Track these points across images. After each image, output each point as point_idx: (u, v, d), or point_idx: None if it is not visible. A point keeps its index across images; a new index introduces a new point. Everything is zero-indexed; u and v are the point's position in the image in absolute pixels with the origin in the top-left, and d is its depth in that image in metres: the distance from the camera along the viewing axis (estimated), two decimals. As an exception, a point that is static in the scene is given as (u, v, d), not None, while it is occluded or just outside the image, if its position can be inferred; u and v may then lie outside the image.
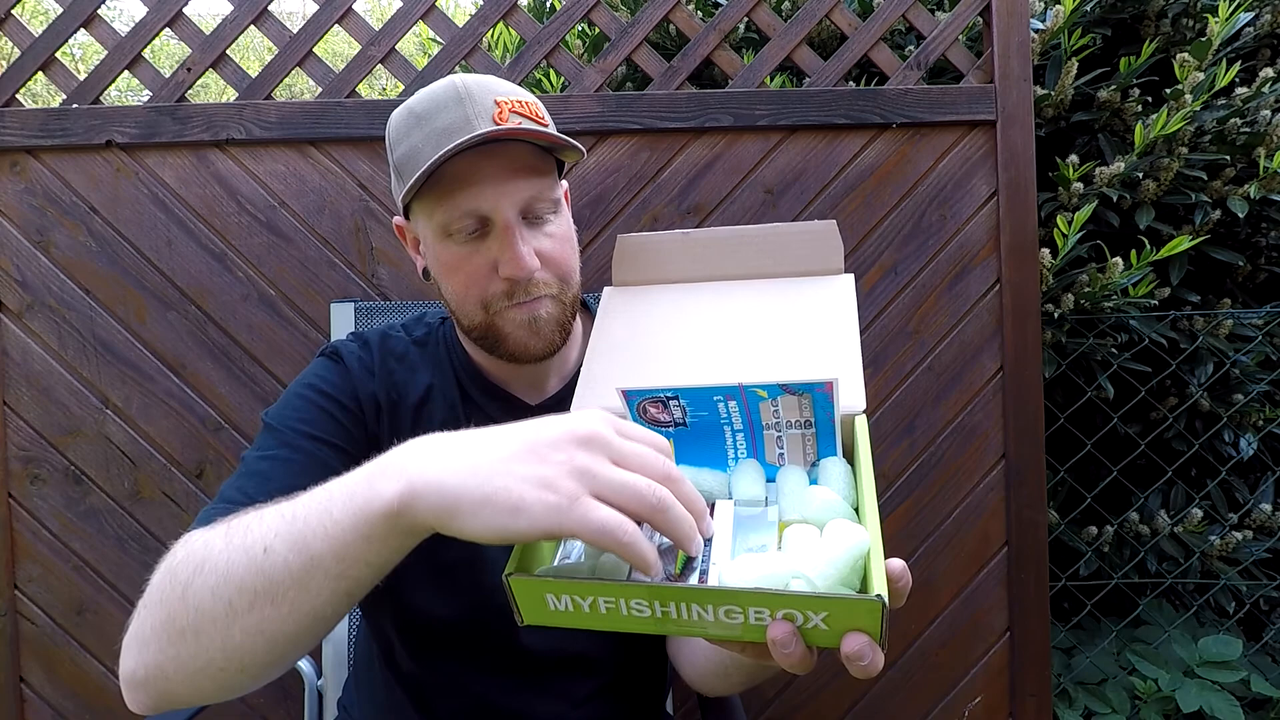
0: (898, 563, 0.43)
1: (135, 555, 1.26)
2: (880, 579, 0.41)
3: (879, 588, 0.40)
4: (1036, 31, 1.42)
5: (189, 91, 1.28)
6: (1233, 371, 1.58)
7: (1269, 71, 1.49)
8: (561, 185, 0.75)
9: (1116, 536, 1.57)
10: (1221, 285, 1.65)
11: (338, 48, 5.31)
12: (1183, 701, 1.45)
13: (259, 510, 0.51)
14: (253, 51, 5.74)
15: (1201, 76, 1.41)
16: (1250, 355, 1.57)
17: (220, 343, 1.26)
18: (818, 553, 0.43)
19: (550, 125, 0.70)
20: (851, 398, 0.55)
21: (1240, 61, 1.60)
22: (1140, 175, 1.47)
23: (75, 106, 1.25)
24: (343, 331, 1.17)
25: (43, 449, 1.25)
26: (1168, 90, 1.45)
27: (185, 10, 1.27)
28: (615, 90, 1.60)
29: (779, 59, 1.30)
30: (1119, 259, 1.37)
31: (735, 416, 0.54)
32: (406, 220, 0.76)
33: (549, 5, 1.84)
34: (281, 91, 1.32)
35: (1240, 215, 1.44)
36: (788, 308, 0.67)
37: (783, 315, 0.66)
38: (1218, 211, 1.50)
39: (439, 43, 1.38)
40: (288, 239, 1.27)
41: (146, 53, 1.29)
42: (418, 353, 0.80)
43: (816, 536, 0.46)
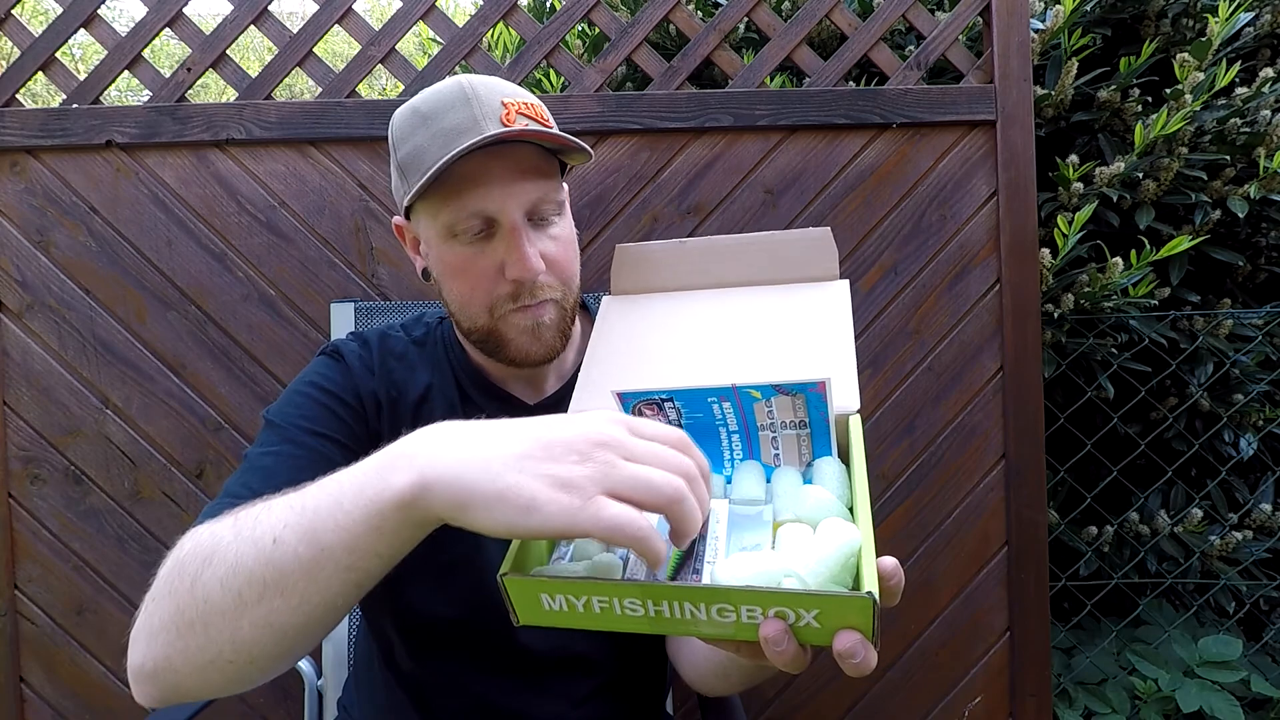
0: (890, 561, 0.43)
1: (135, 555, 1.26)
2: (871, 577, 0.41)
3: (870, 585, 0.40)
4: (1036, 31, 1.42)
5: (189, 91, 1.28)
6: (1233, 371, 1.58)
7: (1269, 71, 1.49)
8: (564, 188, 0.75)
9: (1116, 536, 1.57)
10: (1221, 285, 1.65)
11: (338, 48, 5.31)
12: (1183, 701, 1.45)
13: (266, 502, 0.50)
14: (253, 51, 5.74)
15: (1201, 76, 1.41)
16: (1250, 355, 1.57)
17: (220, 343, 1.27)
18: (809, 551, 0.43)
19: (554, 127, 0.70)
20: (845, 398, 0.55)
21: (1240, 61, 1.59)
22: (1140, 175, 1.47)
23: (75, 106, 1.26)
24: (342, 331, 1.18)
25: (43, 449, 1.26)
26: (1168, 90, 1.45)
27: (185, 10, 1.27)
28: (615, 90, 1.60)
29: (779, 59, 1.30)
30: (1119, 259, 1.37)
31: (730, 418, 0.54)
32: (407, 220, 0.76)
33: (549, 5, 1.84)
34: (281, 91, 1.32)
35: (1240, 215, 1.44)
36: (783, 312, 0.67)
37: (778, 319, 0.67)
38: (1218, 211, 1.50)
39: (439, 43, 1.39)
40: (288, 239, 1.27)
41: (146, 53, 1.29)
42: (417, 352, 0.80)
43: (810, 535, 0.46)
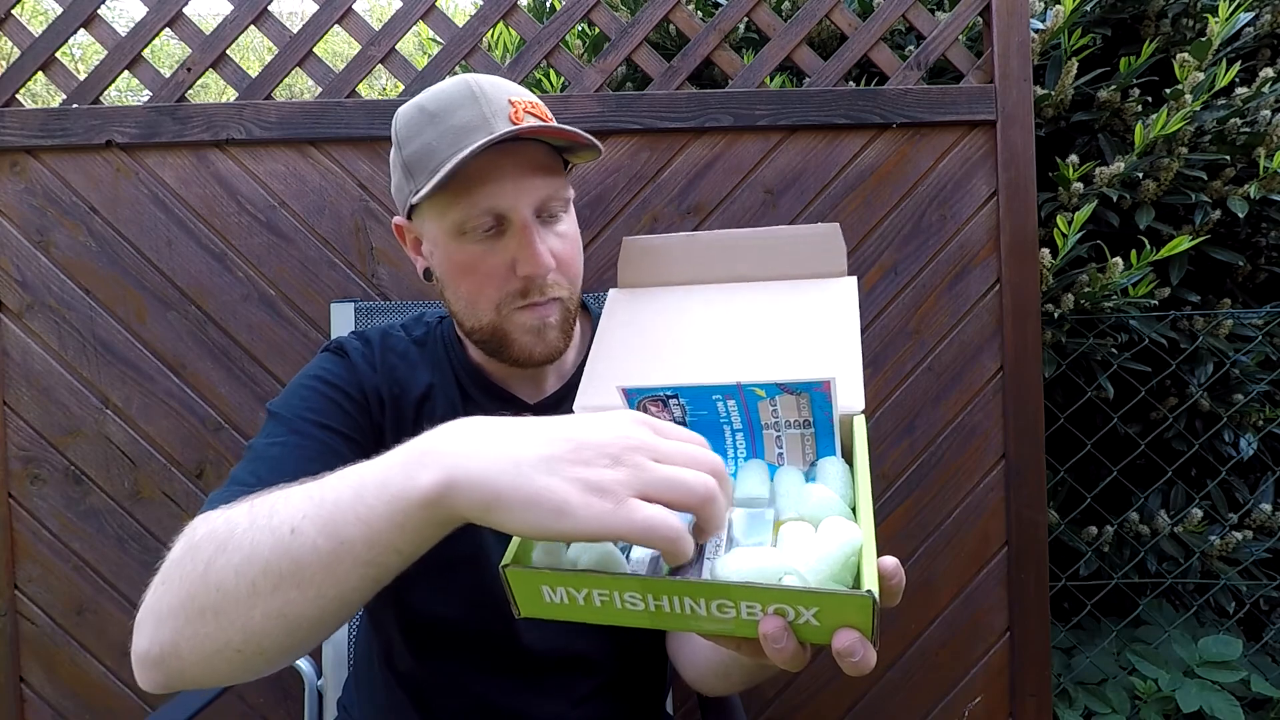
0: (890, 560, 0.43)
1: (135, 555, 1.26)
2: (872, 575, 0.41)
3: (870, 584, 0.40)
4: (1036, 31, 1.42)
5: (189, 91, 1.28)
6: (1233, 371, 1.58)
7: (1269, 71, 1.49)
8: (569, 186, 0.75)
9: (1116, 536, 1.57)
10: (1221, 285, 1.65)
11: (338, 48, 5.31)
12: (1183, 701, 1.45)
13: (283, 490, 0.49)
14: (253, 51, 5.74)
15: (1201, 76, 1.41)
16: (1250, 355, 1.57)
17: (220, 343, 1.26)
18: (810, 549, 0.43)
19: None
20: (850, 398, 0.55)
21: (1240, 61, 1.60)
22: (1140, 175, 1.47)
23: (75, 106, 1.26)
24: (342, 331, 1.17)
25: (43, 449, 1.26)
26: (1168, 90, 1.45)
27: (185, 10, 1.27)
28: (615, 90, 1.60)
29: (779, 59, 1.30)
30: (1119, 259, 1.37)
31: (734, 416, 0.54)
32: (409, 220, 0.75)
33: (549, 5, 1.84)
34: (281, 91, 1.32)
35: (1240, 215, 1.44)
36: (790, 309, 0.67)
37: (784, 316, 0.66)
38: (1218, 211, 1.50)
39: (439, 43, 1.38)
40: (288, 239, 1.27)
41: (146, 53, 1.29)
42: (417, 352, 0.80)
43: (811, 533, 0.46)
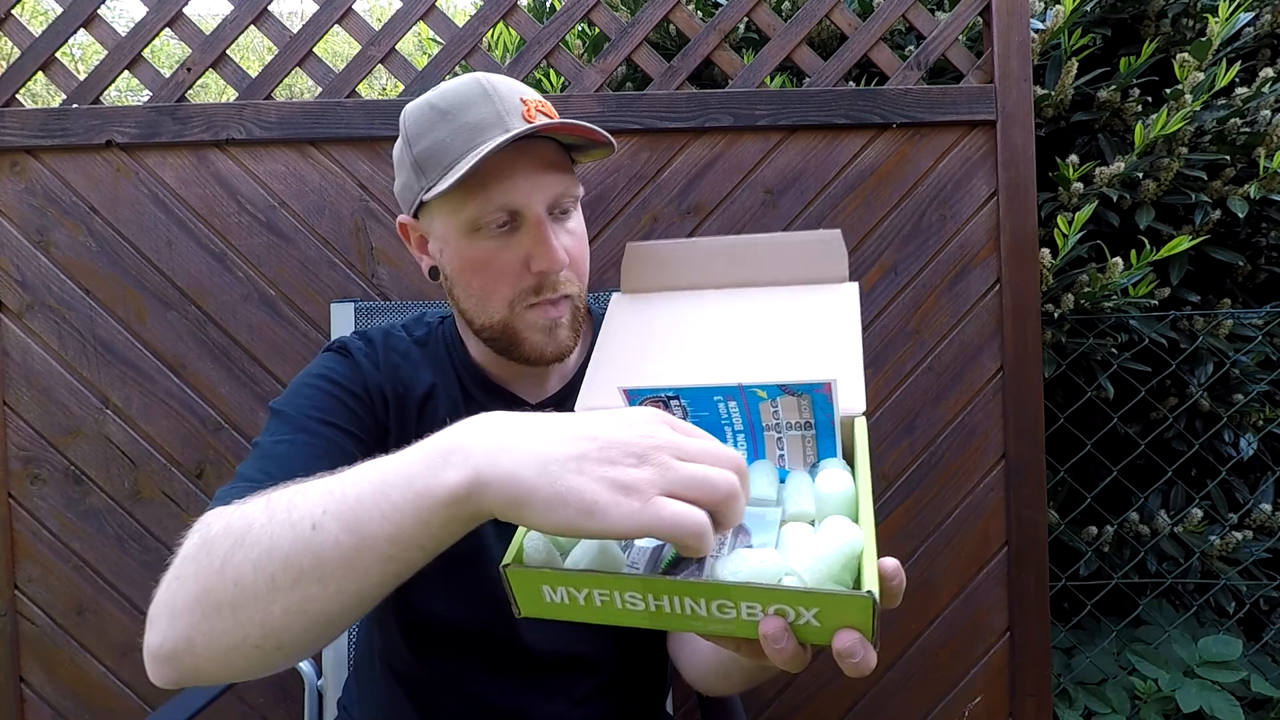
0: (891, 561, 0.43)
1: (135, 555, 1.26)
2: (872, 576, 0.41)
3: (870, 585, 0.40)
4: (1036, 31, 1.42)
5: (189, 91, 1.28)
6: (1233, 371, 1.58)
7: (1269, 71, 1.49)
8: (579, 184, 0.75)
9: (1116, 536, 1.57)
10: (1221, 285, 1.65)
11: (338, 48, 5.31)
12: (1183, 701, 1.45)
13: (299, 485, 0.48)
14: (253, 51, 5.74)
15: (1201, 76, 1.41)
16: (1250, 355, 1.57)
17: (220, 343, 1.26)
18: (810, 549, 0.43)
19: None
20: (851, 400, 0.55)
21: (1240, 61, 1.60)
22: (1140, 175, 1.47)
23: (75, 106, 1.25)
24: (342, 331, 1.17)
25: (43, 449, 1.25)
26: (1168, 90, 1.45)
27: (185, 10, 1.27)
28: (615, 90, 1.60)
29: (779, 59, 1.30)
30: (1119, 259, 1.37)
31: (736, 417, 0.54)
32: (415, 219, 0.75)
33: (549, 5, 1.84)
34: (281, 91, 1.32)
35: (1240, 215, 1.44)
36: (791, 313, 0.67)
37: (786, 320, 0.67)
38: (1218, 211, 1.50)
39: (439, 43, 1.38)
40: (288, 239, 1.27)
41: (146, 53, 1.29)
42: (419, 352, 0.80)
43: (811, 534, 0.46)
